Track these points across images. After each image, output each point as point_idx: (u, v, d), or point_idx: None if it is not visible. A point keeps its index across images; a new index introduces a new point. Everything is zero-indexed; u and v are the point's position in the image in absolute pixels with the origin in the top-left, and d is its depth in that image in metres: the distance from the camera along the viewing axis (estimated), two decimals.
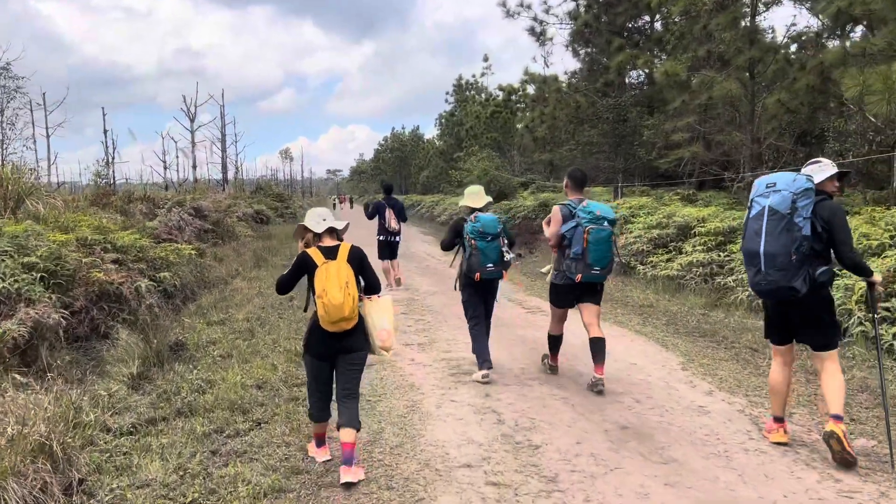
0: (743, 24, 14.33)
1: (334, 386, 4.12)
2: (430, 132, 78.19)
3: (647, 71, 19.81)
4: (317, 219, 4.10)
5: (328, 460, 4.11)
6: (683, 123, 14.46)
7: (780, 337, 4.29)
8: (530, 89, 35.52)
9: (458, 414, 4.89)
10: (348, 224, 4.24)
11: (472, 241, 5.72)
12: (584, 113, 19.63)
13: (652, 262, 12.19)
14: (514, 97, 38.80)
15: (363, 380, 4.34)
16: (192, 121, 37.72)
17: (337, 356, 3.99)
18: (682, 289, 10.60)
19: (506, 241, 5.88)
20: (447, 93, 53.92)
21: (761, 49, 13.64)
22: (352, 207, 67.66)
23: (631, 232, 13.81)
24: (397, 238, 11.71)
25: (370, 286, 4.12)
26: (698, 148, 14.11)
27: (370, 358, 4.42)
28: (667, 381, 5.63)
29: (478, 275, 5.71)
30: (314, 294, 3.89)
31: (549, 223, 5.73)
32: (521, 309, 9.27)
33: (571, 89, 20.47)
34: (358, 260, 3.99)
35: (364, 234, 12.34)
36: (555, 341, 5.91)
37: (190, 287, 11.99)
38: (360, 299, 4.03)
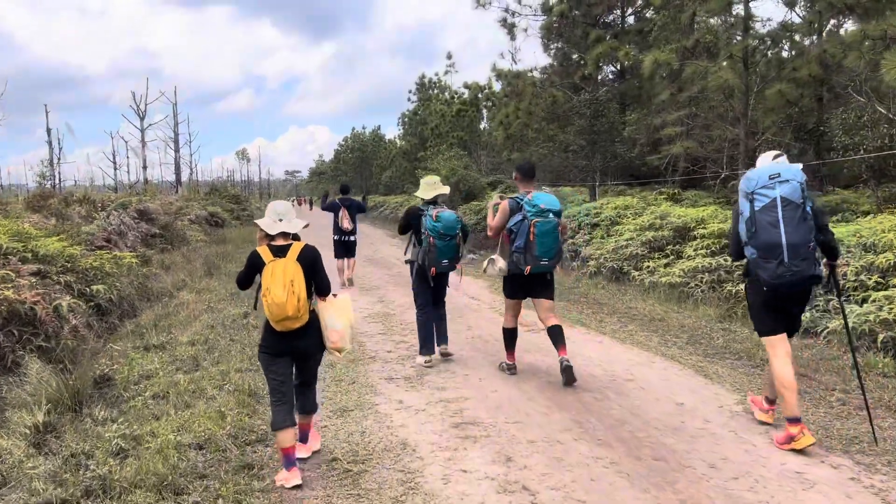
0: (735, 11, 13.36)
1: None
2: (392, 132, 76.77)
3: (625, 63, 18.79)
4: (273, 216, 4.01)
5: (298, 486, 3.74)
6: (674, 117, 13.44)
7: (779, 327, 4.25)
8: (497, 86, 34.51)
9: (476, 494, 3.57)
10: (307, 224, 4.19)
11: (431, 239, 6.03)
12: (560, 108, 18.52)
13: (649, 267, 11.08)
14: (480, 95, 37.69)
15: (338, 437, 4.21)
16: (141, 119, 35.81)
17: (292, 355, 3.98)
18: (686, 297, 9.50)
19: (462, 238, 6.21)
20: (410, 91, 52.53)
21: (756, 37, 12.68)
22: (311, 209, 65.83)
23: (621, 235, 12.71)
24: (352, 237, 11.79)
25: (319, 287, 4.04)
26: (690, 144, 13.10)
27: (344, 402, 4.61)
28: (734, 429, 4.40)
29: (433, 270, 6.08)
30: (261, 292, 3.85)
31: (494, 213, 5.79)
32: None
33: (546, 83, 19.32)
34: (309, 260, 3.91)
35: (327, 236, 11.98)
36: (510, 335, 5.91)
37: (130, 301, 10.49)
38: (312, 299, 3.99)
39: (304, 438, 4.14)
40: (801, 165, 4.11)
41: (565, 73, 20.87)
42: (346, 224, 11.63)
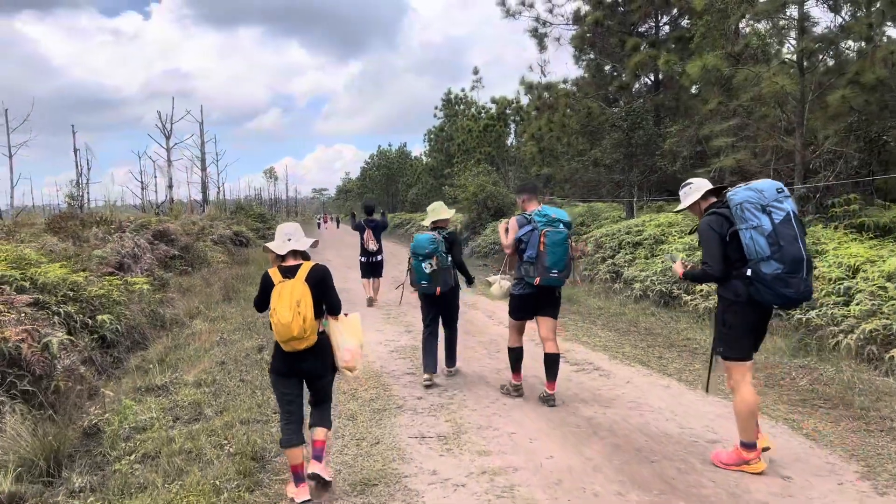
0: (788, 13, 12.35)
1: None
2: (418, 150, 76.26)
3: (665, 72, 17.80)
4: (282, 237, 4.03)
5: (306, 501, 3.77)
6: (724, 127, 12.42)
7: (752, 351, 4.15)
8: (525, 100, 33.73)
9: None
10: (316, 242, 4.22)
11: (409, 259, 6.33)
12: (595, 121, 17.58)
13: (702, 291, 10.06)
14: (508, 110, 36.93)
15: None
16: (167, 138, 35.55)
17: (301, 376, 4.00)
18: None
19: (438, 260, 6.12)
20: (436, 107, 51.84)
21: (814, 40, 11.66)
22: (338, 227, 65.53)
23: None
24: (377, 258, 11.73)
25: (330, 307, 4.04)
26: (742, 155, 12.08)
27: (366, 471, 4.19)
28: None
29: (414, 290, 6.42)
30: (270, 312, 3.86)
31: (506, 231, 5.68)
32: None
33: (580, 95, 18.40)
34: (318, 280, 3.91)
35: (351, 255, 12.55)
36: (516, 355, 5.75)
37: (140, 330, 9.74)
38: (325, 319, 4.05)
39: (318, 456, 4.04)
40: None
41: (599, 85, 19.93)
42: (372, 245, 11.63)
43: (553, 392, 5.46)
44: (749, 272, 3.87)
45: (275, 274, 3.91)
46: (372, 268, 11.67)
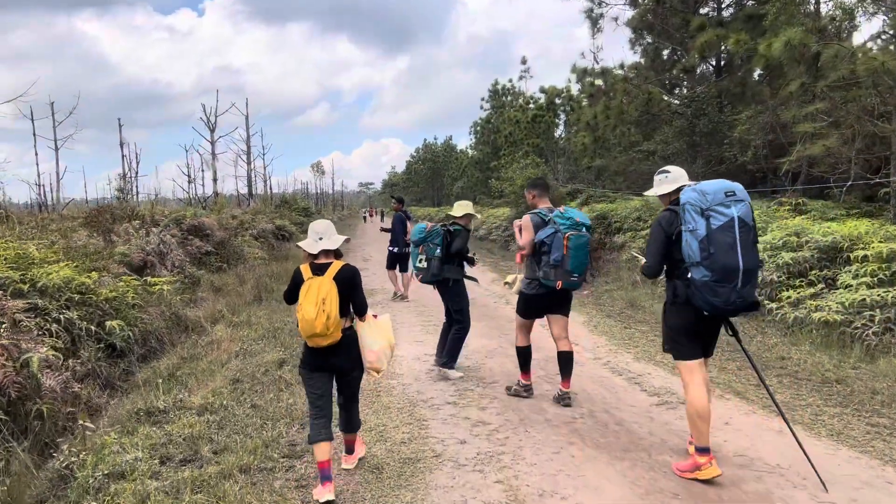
0: None
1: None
2: (464, 143, 75.09)
3: (735, 53, 16.26)
4: (314, 236, 4.04)
5: (330, 501, 3.74)
6: (811, 111, 10.96)
7: (699, 352, 4.03)
8: (575, 89, 32.22)
9: None
10: (348, 239, 4.25)
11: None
12: (656, 107, 16.18)
13: (790, 298, 8.71)
14: (557, 100, 35.43)
15: None
16: (212, 131, 35.19)
17: (328, 370, 4.02)
18: (851, 342, 7.16)
19: (425, 250, 6.30)
20: (482, 99, 50.57)
21: None
22: (382, 220, 65.05)
23: None
24: (405, 249, 11.49)
25: (356, 307, 4.04)
26: (833, 142, 10.61)
27: None
28: None
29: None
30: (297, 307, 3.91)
31: (520, 231, 5.56)
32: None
33: (640, 79, 16.98)
34: (346, 279, 3.93)
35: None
36: (524, 354, 5.68)
37: (158, 336, 8.88)
38: (349, 317, 4.04)
39: (350, 450, 4.25)
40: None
41: (657, 71, 18.47)
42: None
43: (567, 390, 5.40)
44: (689, 274, 3.78)
45: (306, 270, 3.97)
46: (396, 259, 11.83)
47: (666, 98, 16.49)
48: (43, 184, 28.82)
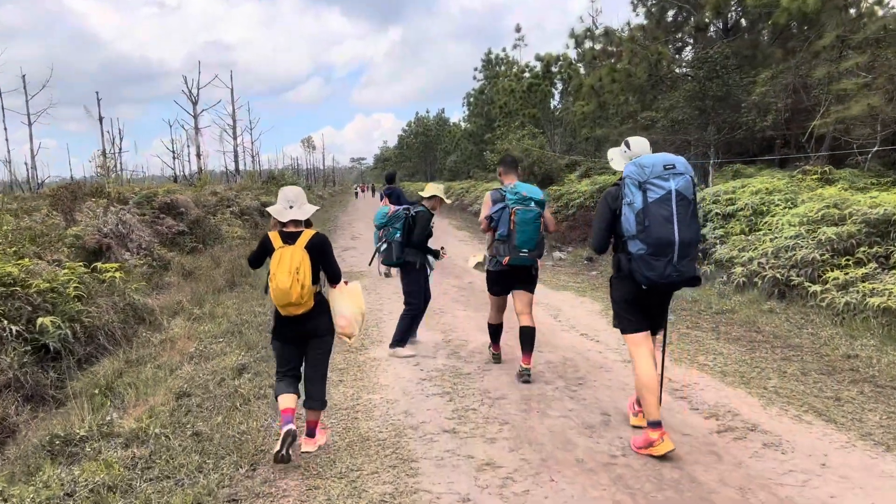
0: None
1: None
2: (456, 116, 73.37)
3: (754, 7, 14.91)
4: (284, 203, 3.96)
5: (290, 431, 3.72)
6: (850, 66, 9.68)
7: (644, 325, 3.98)
8: (573, 55, 30.73)
9: None
10: (316, 209, 4.17)
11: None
12: (666, 68, 14.86)
13: (837, 279, 7.53)
14: (554, 67, 33.91)
15: None
16: (194, 105, 33.65)
17: (302, 339, 3.98)
18: None
19: (384, 234, 6.27)
20: (475, 69, 49.12)
21: None
22: (373, 195, 63.73)
23: (780, 230, 9.13)
24: None
25: (330, 275, 4.04)
26: (876, 101, 9.35)
27: None
28: None
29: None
30: (269, 276, 3.87)
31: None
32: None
33: (647, 40, 15.59)
34: (318, 247, 3.88)
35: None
36: (495, 330, 5.76)
37: (108, 330, 7.67)
38: (320, 285, 4.03)
39: (311, 433, 4.01)
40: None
41: (667, 31, 17.10)
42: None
43: (529, 366, 5.26)
44: (629, 248, 3.76)
45: (275, 238, 3.89)
46: None
47: (678, 58, 15.13)
48: (20, 161, 27.29)
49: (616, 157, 4.13)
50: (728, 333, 6.54)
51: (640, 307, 3.96)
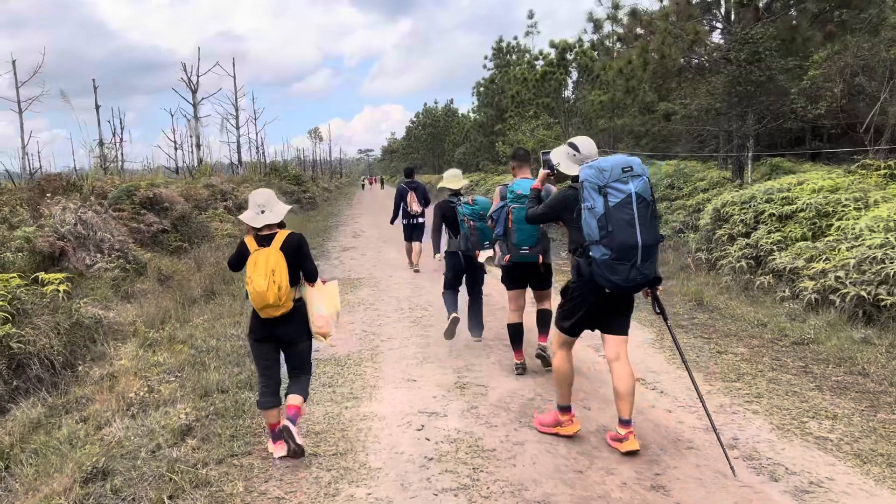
0: None
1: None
2: (465, 107, 71.77)
3: None
4: (255, 209, 3.94)
5: (283, 457, 3.84)
6: None
7: (581, 330, 4.01)
8: (588, 42, 29.08)
9: None
10: (289, 208, 4.15)
11: (471, 223, 6.23)
12: (704, 49, 13.31)
13: None
14: (569, 55, 32.25)
15: None
16: (194, 93, 32.19)
17: (279, 342, 3.99)
18: None
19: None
20: (486, 57, 47.42)
21: None
22: (382, 188, 62.29)
23: (857, 238, 7.62)
24: (420, 219, 11.61)
25: (306, 274, 4.04)
26: None
27: None
28: None
29: (477, 253, 6.14)
30: (246, 280, 3.89)
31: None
32: None
33: (683, 17, 14.01)
34: (294, 248, 3.90)
35: (388, 223, 12.35)
36: (515, 331, 5.49)
37: (46, 357, 6.25)
38: (300, 285, 4.02)
39: (292, 419, 3.93)
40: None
41: (703, 8, 15.53)
42: (416, 207, 11.56)
43: (546, 343, 5.38)
44: (590, 253, 3.71)
45: (251, 242, 3.91)
46: (413, 229, 11.60)
47: (718, 38, 13.58)
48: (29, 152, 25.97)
49: (563, 161, 4.04)
50: (826, 378, 5.03)
51: (597, 309, 3.89)
